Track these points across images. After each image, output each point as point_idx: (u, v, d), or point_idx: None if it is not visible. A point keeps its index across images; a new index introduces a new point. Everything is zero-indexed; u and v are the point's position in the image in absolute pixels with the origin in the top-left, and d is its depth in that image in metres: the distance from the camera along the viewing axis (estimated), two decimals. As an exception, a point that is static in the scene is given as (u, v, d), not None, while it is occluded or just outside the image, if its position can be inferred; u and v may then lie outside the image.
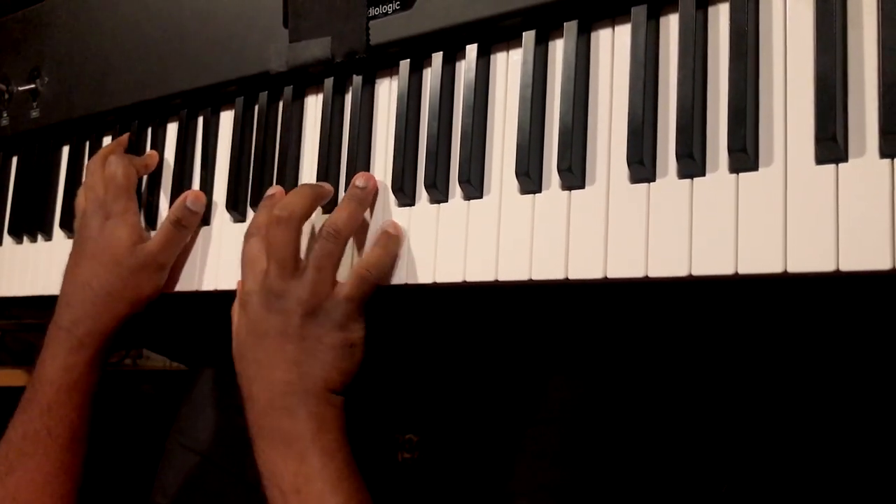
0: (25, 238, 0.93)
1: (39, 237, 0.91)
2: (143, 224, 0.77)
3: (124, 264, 0.73)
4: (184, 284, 0.77)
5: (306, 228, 0.65)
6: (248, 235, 0.66)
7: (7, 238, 0.95)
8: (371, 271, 0.62)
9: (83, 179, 0.80)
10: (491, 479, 0.73)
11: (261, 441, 0.61)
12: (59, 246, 0.89)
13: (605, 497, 0.71)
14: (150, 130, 0.83)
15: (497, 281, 0.58)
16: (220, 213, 0.76)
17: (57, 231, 0.90)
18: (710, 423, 0.81)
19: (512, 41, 0.61)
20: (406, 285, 0.63)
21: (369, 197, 0.65)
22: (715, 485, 0.83)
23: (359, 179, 0.65)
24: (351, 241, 0.65)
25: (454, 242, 0.61)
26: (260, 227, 0.66)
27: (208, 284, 0.75)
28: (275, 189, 0.69)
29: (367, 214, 0.66)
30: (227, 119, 0.78)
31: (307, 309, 0.61)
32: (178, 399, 0.94)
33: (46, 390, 0.70)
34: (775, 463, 0.82)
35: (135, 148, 0.83)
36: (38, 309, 1.10)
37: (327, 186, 0.67)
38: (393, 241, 0.63)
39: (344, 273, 0.64)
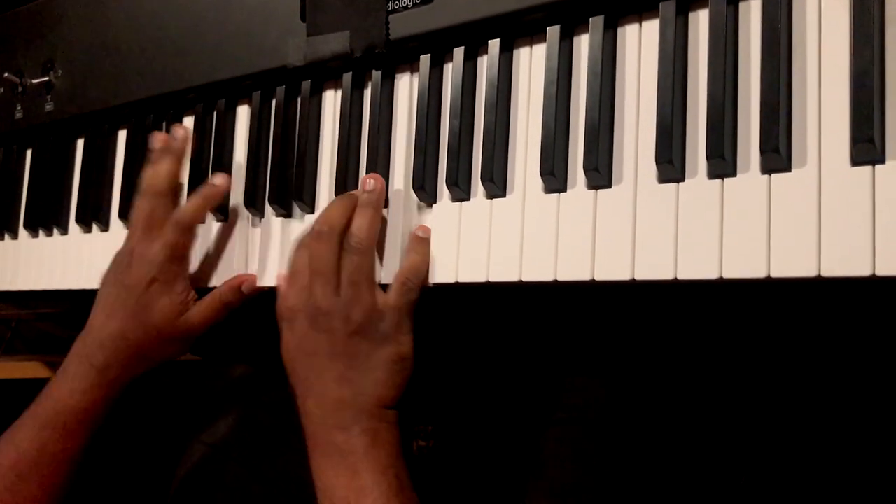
0: (41, 232, 0.92)
1: (55, 231, 0.91)
2: (188, 289, 0.73)
3: (164, 333, 0.72)
4: (199, 281, 0.76)
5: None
6: (299, 246, 0.65)
7: (23, 231, 0.94)
8: (412, 278, 0.62)
9: (141, 186, 0.74)
10: (506, 472, 0.73)
11: (315, 454, 0.62)
12: (74, 240, 0.89)
13: (624, 495, 0.71)
14: (165, 125, 0.82)
15: (521, 281, 0.58)
16: (238, 210, 0.75)
17: (73, 225, 0.89)
18: (729, 417, 0.81)
19: (535, 36, 0.60)
20: (429, 285, 0.63)
21: (382, 197, 0.64)
22: (734, 477, 0.83)
23: (367, 183, 0.64)
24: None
25: (477, 242, 0.60)
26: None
27: (219, 281, 0.74)
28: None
29: (387, 212, 0.66)
30: (243, 113, 0.77)
31: (353, 326, 0.61)
32: (193, 389, 0.94)
33: (67, 419, 0.71)
34: (793, 455, 0.82)
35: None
36: (54, 300, 1.10)
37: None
38: (425, 243, 0.63)
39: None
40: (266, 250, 0.73)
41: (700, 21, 0.53)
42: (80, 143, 0.91)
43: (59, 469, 0.71)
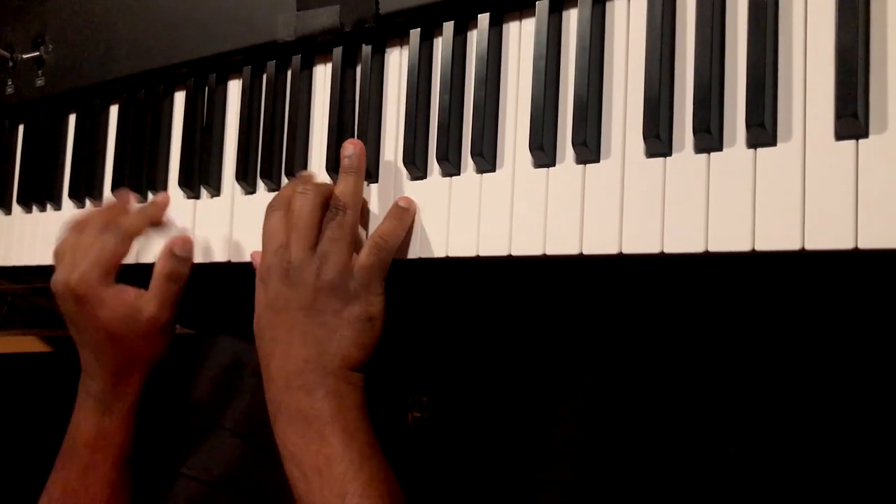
0: (35, 207, 0.92)
1: (49, 206, 0.91)
2: (119, 288, 0.71)
3: (124, 337, 0.70)
4: (196, 257, 0.77)
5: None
6: (270, 208, 0.65)
7: (16, 207, 0.94)
8: (386, 239, 0.61)
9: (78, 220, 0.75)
10: (499, 443, 0.74)
11: (280, 420, 0.61)
12: (68, 215, 0.88)
13: (621, 468, 0.72)
14: (156, 99, 0.82)
15: (511, 256, 0.58)
16: (230, 185, 0.76)
17: (66, 201, 0.89)
18: (720, 388, 0.82)
19: (525, 11, 0.60)
20: (419, 259, 0.63)
21: (362, 161, 0.64)
22: (724, 447, 0.84)
23: (346, 149, 0.64)
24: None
25: (467, 216, 0.61)
26: (284, 200, 0.64)
27: (220, 256, 0.75)
28: (308, 172, 0.69)
29: (378, 186, 0.66)
30: (234, 88, 0.77)
31: (324, 282, 0.60)
32: (189, 362, 0.95)
33: (82, 452, 0.71)
34: (783, 427, 0.83)
35: (142, 115, 0.82)
36: (48, 276, 1.10)
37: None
38: (406, 213, 0.63)
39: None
40: (258, 223, 0.73)
41: (688, -5, 0.54)
42: (72, 118, 0.91)
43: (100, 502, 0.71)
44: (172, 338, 0.75)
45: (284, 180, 0.72)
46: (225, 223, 0.75)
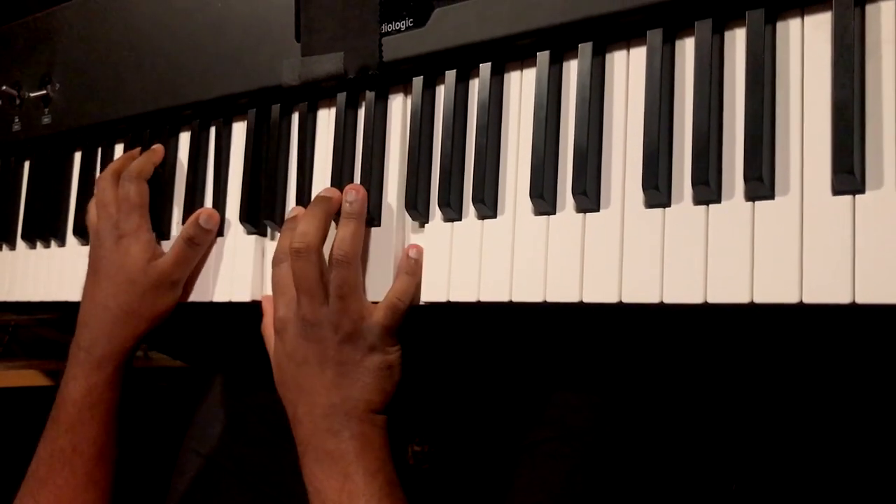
0: (39, 243, 0.93)
1: (53, 243, 0.92)
2: (155, 240, 0.77)
3: (139, 283, 0.74)
4: (198, 295, 0.77)
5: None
6: (275, 262, 0.67)
7: (20, 243, 0.95)
8: (402, 300, 0.63)
9: (95, 194, 0.80)
10: (499, 490, 0.74)
11: (307, 459, 0.63)
12: (72, 252, 0.89)
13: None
14: (161, 139, 0.83)
15: (511, 302, 0.59)
16: (234, 225, 0.76)
17: (70, 238, 0.90)
18: (719, 423, 0.82)
19: (526, 60, 0.61)
20: (419, 304, 0.64)
21: (364, 207, 0.65)
22: (725, 483, 0.84)
23: (348, 195, 0.65)
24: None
25: (468, 261, 0.61)
26: (286, 252, 0.66)
27: (222, 296, 0.75)
28: (296, 210, 0.69)
29: (379, 231, 0.66)
30: (239, 130, 0.78)
31: (342, 336, 0.63)
32: (183, 397, 0.95)
33: (69, 409, 0.72)
34: (783, 461, 0.83)
35: (147, 156, 0.83)
36: (51, 310, 1.11)
37: (335, 195, 0.67)
38: (417, 265, 0.64)
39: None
40: (264, 264, 0.73)
41: (686, 49, 0.54)
42: (78, 155, 0.91)
43: (77, 466, 0.71)
44: (174, 307, 0.76)
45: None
46: (228, 264, 0.75)
